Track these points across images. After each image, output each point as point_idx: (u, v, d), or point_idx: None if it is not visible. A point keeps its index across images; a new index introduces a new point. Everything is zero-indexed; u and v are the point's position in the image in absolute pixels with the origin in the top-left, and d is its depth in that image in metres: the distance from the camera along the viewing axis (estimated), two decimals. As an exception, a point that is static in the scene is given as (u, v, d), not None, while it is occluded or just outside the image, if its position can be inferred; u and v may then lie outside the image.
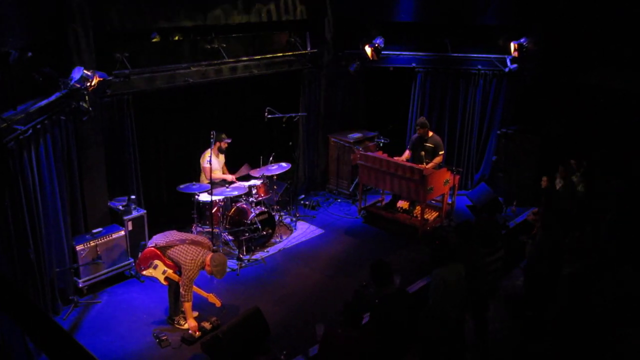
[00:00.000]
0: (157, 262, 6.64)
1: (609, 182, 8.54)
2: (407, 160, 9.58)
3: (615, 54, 9.38)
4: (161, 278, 6.69)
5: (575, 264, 7.16)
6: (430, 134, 9.48)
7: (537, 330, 6.19)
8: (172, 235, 6.87)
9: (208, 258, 6.50)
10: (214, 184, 8.32)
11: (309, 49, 10.41)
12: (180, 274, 6.60)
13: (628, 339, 5.18)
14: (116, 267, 7.69)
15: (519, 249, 8.04)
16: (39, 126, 6.23)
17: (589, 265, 7.19)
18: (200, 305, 7.28)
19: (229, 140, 8.82)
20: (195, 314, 7.03)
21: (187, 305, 6.55)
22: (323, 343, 5.12)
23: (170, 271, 6.67)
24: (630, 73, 9.06)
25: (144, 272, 6.68)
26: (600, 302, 5.80)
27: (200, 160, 8.77)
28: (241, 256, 8.42)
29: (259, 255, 8.64)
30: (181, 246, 6.64)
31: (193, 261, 6.47)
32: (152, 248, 6.69)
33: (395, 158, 9.61)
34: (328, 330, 5.22)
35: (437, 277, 5.52)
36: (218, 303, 6.93)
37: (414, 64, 10.95)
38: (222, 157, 8.98)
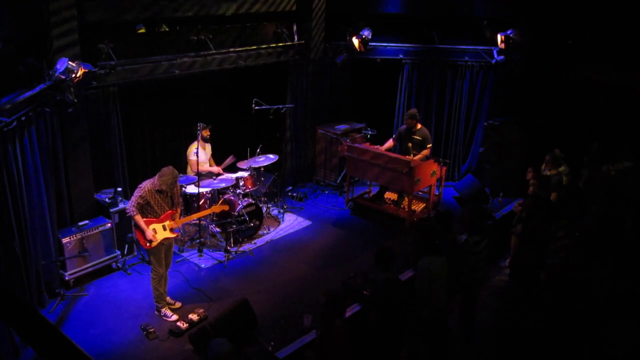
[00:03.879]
0: (151, 227, 6.58)
1: (597, 173, 8.60)
2: (392, 151, 9.58)
3: (602, 47, 9.44)
4: (168, 234, 6.70)
5: (561, 255, 7.20)
6: (419, 126, 9.46)
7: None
8: None
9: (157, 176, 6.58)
10: (201, 176, 8.31)
11: (296, 40, 10.36)
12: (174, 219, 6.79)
13: (611, 331, 5.23)
14: (103, 259, 7.65)
15: (505, 240, 8.12)
16: (23, 118, 6.16)
17: (576, 256, 7.23)
18: (189, 298, 7.30)
19: (209, 127, 8.67)
20: (179, 304, 7.08)
21: (136, 218, 6.54)
22: (326, 339, 4.97)
23: (167, 222, 6.68)
24: (617, 65, 9.13)
25: (154, 244, 6.57)
26: (585, 294, 5.85)
27: (187, 153, 8.73)
28: (228, 248, 8.41)
29: (246, 247, 8.64)
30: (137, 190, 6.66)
31: (145, 183, 6.62)
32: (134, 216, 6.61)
33: (377, 147, 9.61)
34: (326, 327, 5.01)
35: (422, 267, 5.56)
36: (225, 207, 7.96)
37: (401, 56, 10.97)
38: (208, 148, 8.93)
